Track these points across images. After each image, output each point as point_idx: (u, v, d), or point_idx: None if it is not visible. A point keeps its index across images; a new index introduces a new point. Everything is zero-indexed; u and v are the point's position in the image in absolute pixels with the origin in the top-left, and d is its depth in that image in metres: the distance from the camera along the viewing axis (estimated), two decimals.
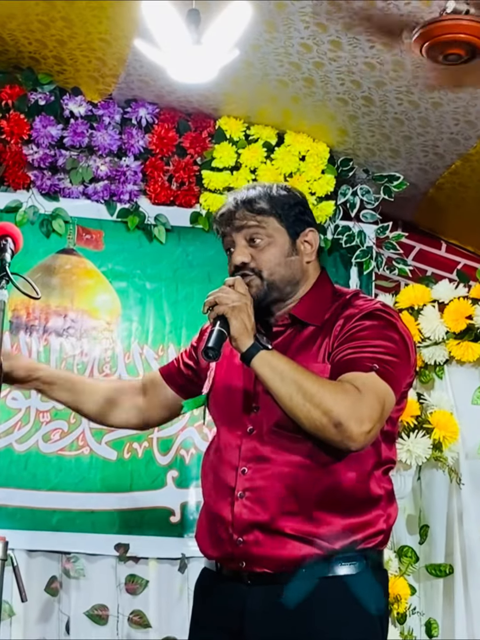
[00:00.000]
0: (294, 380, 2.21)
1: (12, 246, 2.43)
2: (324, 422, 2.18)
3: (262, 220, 2.43)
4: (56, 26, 3.76)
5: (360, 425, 2.18)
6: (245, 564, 2.32)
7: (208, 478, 2.46)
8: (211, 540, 2.40)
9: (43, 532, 3.83)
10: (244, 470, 2.33)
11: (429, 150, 4.25)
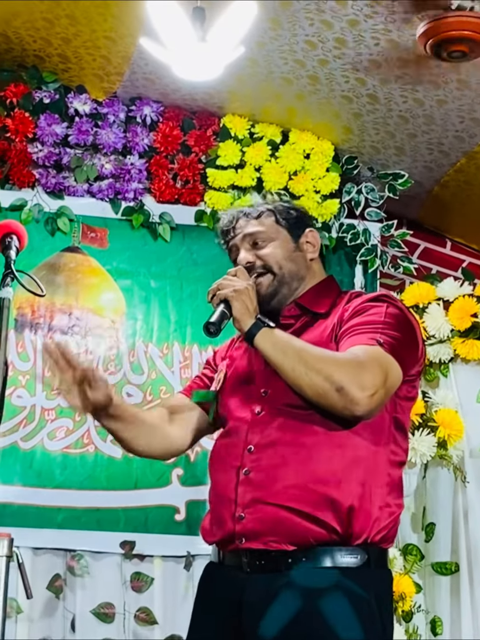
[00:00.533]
0: (296, 352, 2.28)
1: (17, 244, 2.42)
2: (325, 387, 2.22)
3: (262, 224, 2.53)
4: (61, 24, 3.78)
5: (363, 390, 2.21)
6: (244, 540, 2.31)
7: (215, 463, 2.47)
8: (215, 522, 2.42)
9: (48, 529, 3.84)
10: (251, 448, 2.35)
11: (434, 148, 4.27)
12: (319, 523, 2.27)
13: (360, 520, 2.28)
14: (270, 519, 2.29)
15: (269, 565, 2.30)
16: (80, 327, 4.03)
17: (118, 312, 4.09)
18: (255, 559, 2.31)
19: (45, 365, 3.73)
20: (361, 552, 2.29)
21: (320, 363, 2.25)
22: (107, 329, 4.06)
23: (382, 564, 2.37)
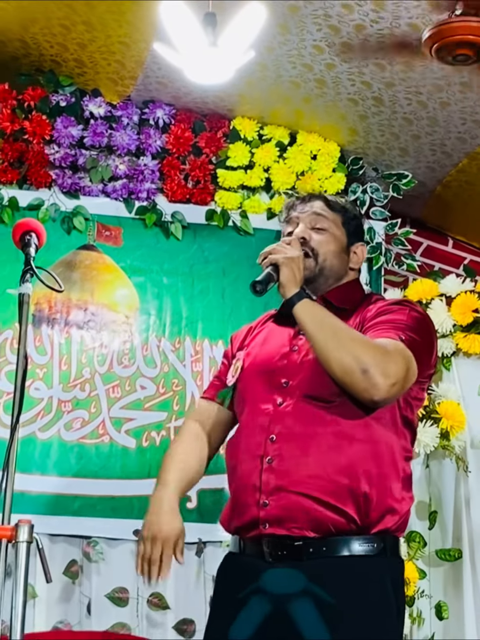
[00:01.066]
0: (331, 327, 2.38)
1: (36, 241, 2.51)
2: (353, 366, 2.31)
3: (330, 215, 2.64)
4: (77, 30, 3.89)
5: (386, 378, 2.32)
6: (267, 525, 2.39)
7: (237, 452, 2.53)
8: (236, 509, 2.49)
9: (65, 517, 3.95)
10: (273, 437, 2.43)
11: (437, 149, 4.37)
12: (339, 512, 2.36)
13: (378, 511, 2.38)
14: (293, 506, 2.37)
15: (290, 554, 2.38)
16: (96, 322, 4.15)
17: (132, 307, 4.20)
18: (277, 548, 2.39)
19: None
20: (378, 541, 2.39)
21: (352, 342, 2.35)
22: (122, 324, 4.17)
23: (396, 552, 2.47)
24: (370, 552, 2.38)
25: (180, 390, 4.14)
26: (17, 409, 2.28)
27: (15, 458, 2.24)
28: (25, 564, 2.21)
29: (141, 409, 4.12)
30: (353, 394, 2.37)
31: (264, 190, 4.42)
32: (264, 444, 2.44)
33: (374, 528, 2.38)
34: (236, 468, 2.52)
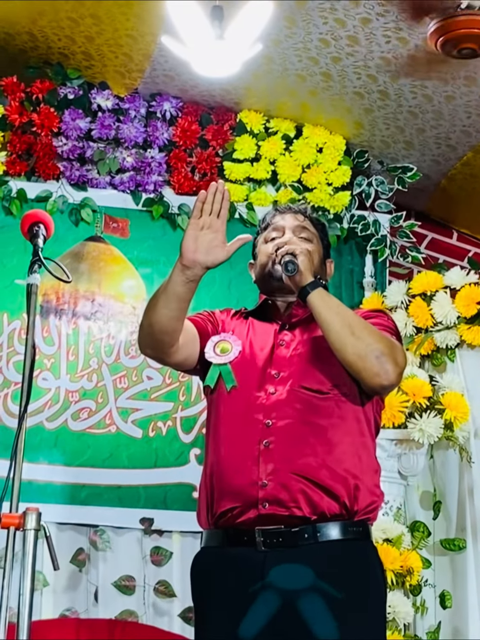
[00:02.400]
0: (346, 315, 2.49)
1: (44, 232, 2.52)
2: (367, 351, 2.44)
3: (311, 228, 2.75)
4: (85, 23, 3.91)
5: (396, 365, 2.47)
6: (267, 504, 2.42)
7: (230, 436, 2.54)
8: (226, 493, 2.48)
9: (72, 505, 3.98)
10: (269, 423, 2.49)
11: (442, 142, 4.39)
12: (334, 497, 2.43)
13: (364, 499, 2.47)
14: (293, 487, 2.42)
15: (286, 541, 2.42)
16: (103, 313, 4.18)
17: (139, 298, 4.22)
18: (273, 536, 2.42)
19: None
20: (362, 526, 2.49)
21: (366, 330, 2.47)
22: (128, 315, 4.20)
23: (370, 536, 2.56)
24: (358, 536, 2.47)
25: (186, 381, 4.17)
26: (25, 399, 2.29)
27: (22, 447, 2.25)
28: (33, 552, 2.22)
29: (148, 400, 4.15)
30: (363, 378, 2.47)
31: (270, 183, 4.44)
32: (260, 429, 2.49)
33: (358, 516, 2.47)
34: (228, 452, 2.53)
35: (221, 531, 2.52)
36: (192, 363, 2.68)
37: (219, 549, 2.53)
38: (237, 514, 2.46)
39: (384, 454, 3.92)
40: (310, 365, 2.54)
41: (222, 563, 2.51)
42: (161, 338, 2.56)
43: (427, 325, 4.18)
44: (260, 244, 2.75)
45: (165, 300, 2.51)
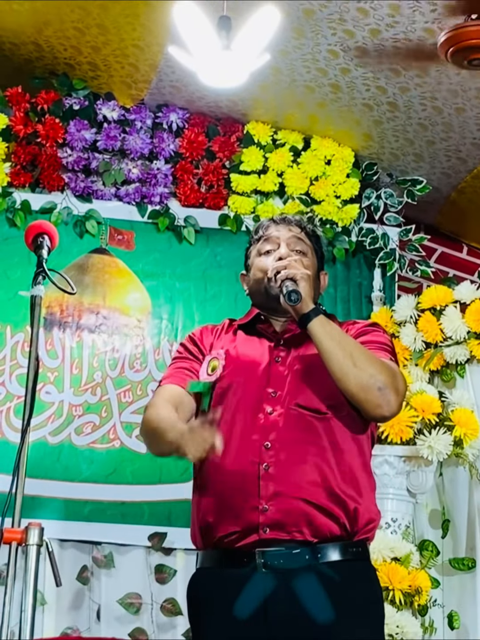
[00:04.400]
0: (348, 344, 2.43)
1: (49, 243, 2.48)
2: (370, 383, 2.39)
3: (306, 240, 2.67)
4: (91, 33, 3.90)
5: (397, 395, 2.42)
6: (268, 530, 2.37)
7: (228, 458, 2.44)
8: (225, 517, 2.42)
9: (75, 522, 3.94)
10: (267, 445, 2.42)
11: (452, 155, 4.35)
12: (334, 519, 2.39)
13: (363, 519, 2.43)
14: (294, 511, 2.37)
15: (286, 562, 2.37)
16: (108, 325, 4.15)
17: (144, 311, 4.19)
18: (274, 558, 2.37)
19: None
20: (362, 546, 2.45)
21: (369, 361, 2.42)
22: (134, 328, 4.17)
23: (369, 556, 2.52)
24: (358, 556, 2.44)
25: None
26: (27, 413, 2.25)
27: (25, 462, 2.21)
28: (35, 567, 2.17)
29: None
30: (364, 409, 2.43)
31: (278, 195, 4.41)
32: (259, 450, 2.43)
33: (358, 536, 2.44)
34: (225, 473, 2.45)
35: (218, 552, 2.46)
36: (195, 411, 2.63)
37: (217, 570, 2.47)
38: (236, 538, 2.41)
39: (392, 471, 3.86)
40: (308, 384, 2.49)
41: (220, 585, 2.45)
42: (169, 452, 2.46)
43: (437, 340, 4.13)
44: (253, 256, 2.67)
45: (160, 451, 2.49)
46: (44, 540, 2.25)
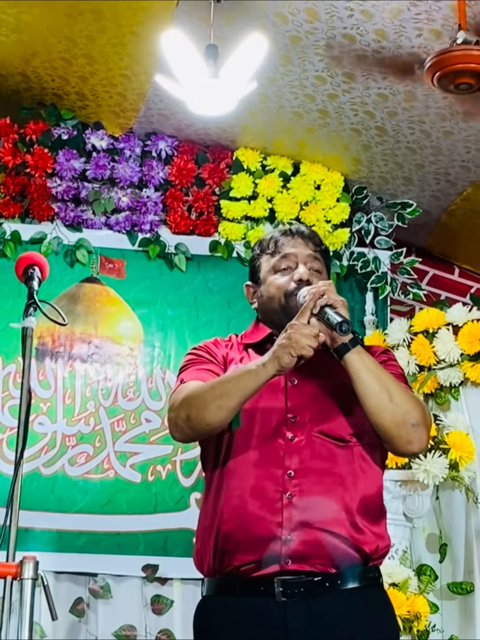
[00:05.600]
0: (383, 378, 2.37)
1: (39, 275, 2.49)
2: (405, 419, 2.35)
3: (319, 257, 2.58)
4: (78, 63, 3.91)
5: (428, 432, 2.40)
6: (290, 562, 2.32)
7: (251, 487, 2.40)
8: (243, 546, 2.36)
9: (70, 553, 3.92)
10: (291, 473, 2.37)
11: (441, 178, 4.36)
12: (355, 549, 2.35)
13: (379, 547, 2.40)
14: (317, 542, 2.33)
15: (307, 591, 2.32)
16: (100, 355, 4.14)
17: (136, 340, 4.18)
18: (294, 587, 2.32)
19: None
20: (377, 571, 2.43)
21: (404, 396, 2.38)
22: (126, 357, 4.16)
23: (383, 581, 2.50)
24: (375, 582, 2.42)
25: None
26: (20, 445, 2.24)
27: (19, 494, 2.19)
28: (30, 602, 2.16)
29: (146, 443, 4.09)
30: (394, 444, 2.40)
31: (268, 221, 4.41)
32: (282, 479, 2.37)
33: (372, 561, 2.41)
34: (245, 501, 2.39)
35: (232, 580, 2.39)
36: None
37: (229, 598, 2.40)
38: (254, 567, 2.35)
39: (388, 495, 3.84)
40: (330, 410, 2.42)
41: (234, 614, 2.38)
42: (210, 432, 2.40)
43: (430, 363, 4.11)
44: (266, 271, 2.57)
45: (239, 398, 2.31)
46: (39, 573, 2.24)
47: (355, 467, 2.41)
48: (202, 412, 2.33)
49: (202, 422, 2.34)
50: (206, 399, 2.33)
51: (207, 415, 2.32)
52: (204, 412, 2.32)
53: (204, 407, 2.32)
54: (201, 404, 2.33)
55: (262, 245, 2.62)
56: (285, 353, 2.26)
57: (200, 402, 2.33)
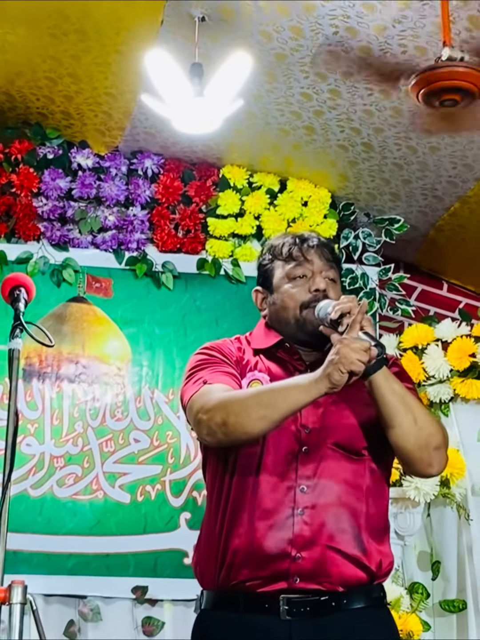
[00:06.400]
0: (407, 400, 2.32)
1: (25, 296, 2.46)
2: (428, 442, 2.32)
3: (334, 265, 2.51)
4: (63, 82, 3.89)
5: (446, 454, 2.38)
6: (298, 579, 2.29)
7: (262, 501, 2.35)
8: (256, 561, 2.31)
9: (59, 576, 3.88)
10: (303, 488, 2.33)
11: (428, 194, 4.36)
12: (363, 568, 2.32)
13: (385, 565, 2.37)
14: (326, 561, 2.30)
15: (313, 610, 2.29)
16: (87, 375, 4.10)
17: (124, 359, 4.16)
18: (300, 605, 2.29)
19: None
20: (382, 590, 2.40)
21: (427, 418, 2.35)
22: (114, 377, 4.13)
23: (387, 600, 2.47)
24: (380, 602, 2.39)
25: (174, 443, 4.09)
26: (8, 467, 2.21)
27: (7, 517, 2.16)
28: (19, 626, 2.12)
29: (135, 463, 4.06)
30: (414, 467, 2.37)
31: (255, 238, 4.39)
32: (294, 494, 2.33)
33: (378, 580, 2.38)
34: (254, 514, 2.33)
35: (235, 595, 2.33)
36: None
37: (231, 614, 2.34)
38: (261, 583, 2.31)
39: None
40: (344, 422, 2.37)
41: (238, 631, 2.32)
42: (245, 440, 2.31)
43: (420, 380, 4.11)
44: (279, 278, 2.48)
45: (286, 412, 2.24)
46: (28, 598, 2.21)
47: (365, 483, 2.37)
48: (243, 419, 2.23)
49: (240, 430, 2.25)
50: (248, 407, 2.24)
51: (247, 423, 2.23)
52: (245, 420, 2.23)
53: (245, 414, 2.23)
54: (242, 411, 2.24)
55: (274, 251, 2.52)
56: (335, 370, 2.17)
57: (241, 409, 2.24)
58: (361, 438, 2.37)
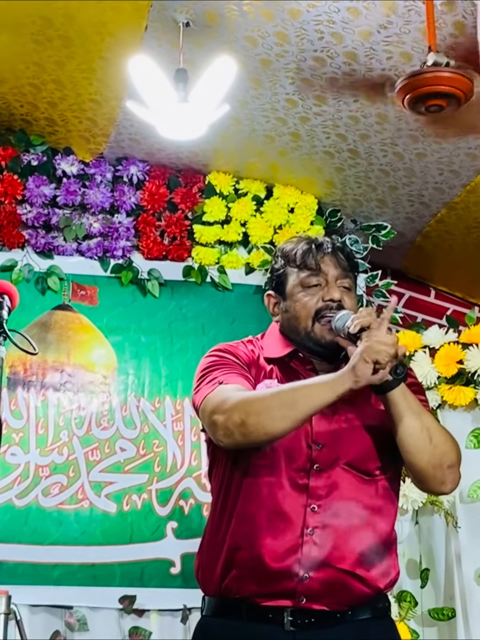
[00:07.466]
0: (424, 417, 2.29)
1: (9, 303, 2.43)
2: (442, 460, 2.29)
3: (350, 274, 2.46)
4: (47, 89, 3.87)
5: (459, 472, 2.34)
6: (305, 599, 2.26)
7: (272, 518, 2.31)
8: (263, 578, 2.28)
9: (45, 586, 3.84)
10: (314, 507, 2.29)
11: (415, 200, 4.35)
12: (370, 587, 2.30)
13: (391, 579, 2.36)
14: (334, 582, 2.27)
15: (317, 622, 2.27)
16: (73, 383, 4.08)
17: (109, 367, 4.13)
18: (304, 617, 2.27)
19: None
20: (387, 600, 2.38)
21: (443, 436, 2.31)
22: (99, 385, 4.10)
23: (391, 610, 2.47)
24: (384, 613, 2.37)
25: (161, 451, 4.07)
26: None
27: None
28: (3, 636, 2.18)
29: (121, 472, 4.03)
30: (426, 483, 2.34)
31: (242, 245, 4.38)
32: (304, 513, 2.29)
33: (385, 591, 2.37)
34: (262, 531, 2.30)
35: (238, 604, 2.30)
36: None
37: (233, 622, 2.31)
38: (266, 599, 2.28)
39: None
40: (358, 441, 2.33)
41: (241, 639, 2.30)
42: (265, 442, 2.26)
43: None
44: (293, 285, 2.42)
45: (309, 410, 2.19)
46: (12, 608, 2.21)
47: (376, 503, 2.34)
48: (263, 419, 2.17)
49: (261, 430, 2.18)
50: (269, 406, 2.18)
51: (268, 423, 2.17)
52: (265, 420, 2.17)
53: (266, 414, 2.17)
54: (263, 411, 2.18)
55: (287, 256, 2.46)
56: (360, 360, 2.13)
57: (262, 408, 2.18)
58: (374, 458, 2.33)
